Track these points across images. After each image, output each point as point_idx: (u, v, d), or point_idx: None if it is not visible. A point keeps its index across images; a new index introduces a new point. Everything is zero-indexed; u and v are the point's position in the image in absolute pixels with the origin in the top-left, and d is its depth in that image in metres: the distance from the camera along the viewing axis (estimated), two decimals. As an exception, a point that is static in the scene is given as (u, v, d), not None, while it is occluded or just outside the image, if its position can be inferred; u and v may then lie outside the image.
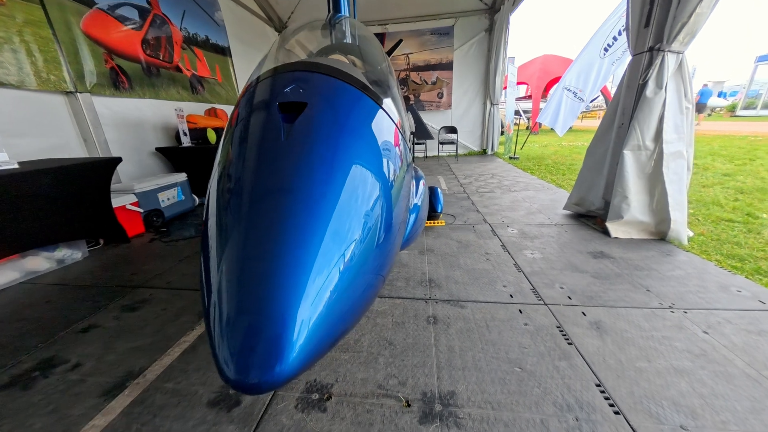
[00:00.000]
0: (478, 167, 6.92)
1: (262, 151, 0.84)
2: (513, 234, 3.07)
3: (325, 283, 0.69)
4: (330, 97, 0.99)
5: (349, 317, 0.78)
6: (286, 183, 0.77)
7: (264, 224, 0.71)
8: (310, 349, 0.65)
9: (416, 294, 2.09)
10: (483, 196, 4.53)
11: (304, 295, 0.65)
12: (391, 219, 0.96)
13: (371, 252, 0.82)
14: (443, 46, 8.22)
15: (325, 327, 0.69)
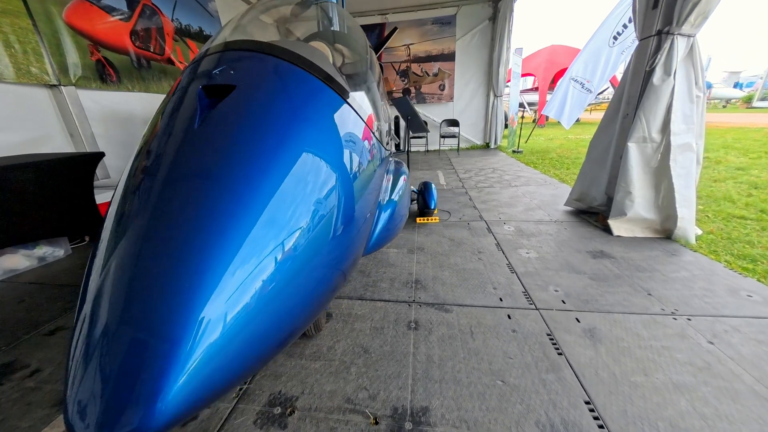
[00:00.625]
0: (479, 161, 6.73)
1: (172, 138, 0.73)
2: (509, 232, 2.93)
3: (237, 292, 0.57)
4: (269, 83, 0.87)
5: (275, 336, 0.66)
6: (191, 176, 0.65)
7: (158, 222, 0.59)
8: (209, 385, 0.54)
9: (400, 296, 1.97)
10: (481, 192, 4.37)
11: (203, 313, 0.53)
12: (348, 217, 0.84)
13: (312, 255, 0.71)
14: (445, 36, 7.96)
15: (238, 350, 0.58)
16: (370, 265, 2.38)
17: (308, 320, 0.87)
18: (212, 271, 0.57)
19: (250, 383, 1.37)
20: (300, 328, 0.84)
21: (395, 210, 1.49)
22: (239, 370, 0.63)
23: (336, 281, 0.89)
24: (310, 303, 0.79)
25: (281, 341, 0.75)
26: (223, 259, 0.58)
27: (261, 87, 0.83)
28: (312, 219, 0.73)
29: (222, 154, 0.67)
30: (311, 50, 1.15)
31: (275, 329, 0.69)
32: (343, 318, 1.79)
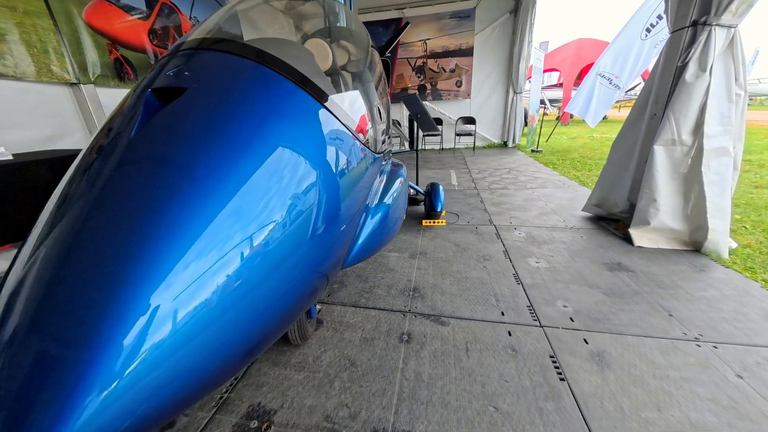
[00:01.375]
0: (495, 161, 6.49)
1: (109, 146, 0.68)
2: (519, 238, 2.77)
3: (178, 300, 0.52)
4: (225, 84, 0.80)
5: (236, 347, 0.61)
6: (123, 184, 0.61)
7: (83, 224, 0.56)
8: (144, 406, 0.48)
9: (395, 305, 1.89)
10: (494, 193, 4.19)
11: (134, 321, 0.48)
12: (323, 222, 0.78)
13: (279, 262, 0.66)
14: (463, 30, 7.71)
15: (186, 364, 0.53)
16: (369, 270, 2.31)
17: (277, 330, 0.81)
18: (145, 277, 0.51)
19: (231, 392, 1.34)
20: (267, 340, 0.79)
21: (387, 214, 1.41)
22: (190, 387, 0.58)
23: (306, 291, 0.83)
24: (277, 312, 0.74)
25: (244, 353, 0.70)
26: (159, 264, 0.52)
27: (215, 89, 0.77)
28: (274, 226, 0.68)
29: (153, 169, 0.62)
30: (291, 49, 1.08)
31: (236, 339, 0.64)
32: (333, 326, 1.73)
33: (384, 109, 2.27)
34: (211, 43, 0.93)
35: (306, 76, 0.93)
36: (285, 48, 1.04)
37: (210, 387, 0.66)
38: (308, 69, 0.96)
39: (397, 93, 8.48)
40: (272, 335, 0.82)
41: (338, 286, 2.13)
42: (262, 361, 1.50)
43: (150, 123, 0.69)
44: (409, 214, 3.49)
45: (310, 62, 1.02)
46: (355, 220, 1.08)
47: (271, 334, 0.78)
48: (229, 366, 0.68)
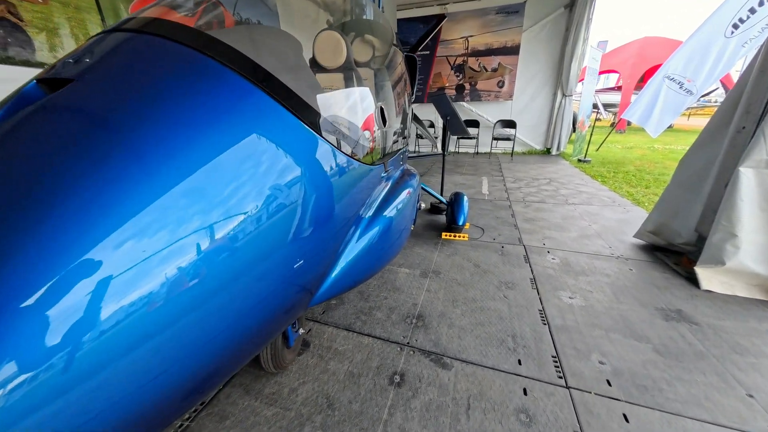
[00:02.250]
0: (534, 169, 5.94)
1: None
2: (552, 264, 2.39)
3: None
4: (133, 73, 0.63)
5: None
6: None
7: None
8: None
9: (393, 334, 1.66)
10: (529, 207, 3.76)
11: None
12: (257, 244, 0.60)
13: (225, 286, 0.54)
14: (510, 26, 7.16)
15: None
16: (373, 287, 2.10)
17: (234, 356, 0.67)
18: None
19: (193, 421, 1.21)
20: (220, 368, 0.64)
21: (385, 230, 1.19)
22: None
23: (269, 315, 0.67)
24: (234, 334, 0.61)
25: (192, 381, 0.57)
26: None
27: (114, 80, 0.61)
28: (221, 238, 0.53)
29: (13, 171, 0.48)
30: (262, 37, 0.89)
31: (175, 365, 0.51)
32: (320, 351, 1.55)
33: (400, 110, 2.04)
34: (144, 25, 0.78)
35: (264, 69, 0.74)
36: (249, 36, 0.87)
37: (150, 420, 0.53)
38: (275, 62, 0.77)
39: (433, 92, 8.15)
40: (228, 362, 0.67)
41: (336, 302, 1.95)
42: (235, 385, 1.36)
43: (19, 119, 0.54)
44: (428, 224, 3.22)
45: (281, 54, 0.83)
46: (333, 238, 0.89)
47: (226, 359, 0.64)
48: (169, 400, 0.54)
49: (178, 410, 0.67)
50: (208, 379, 0.69)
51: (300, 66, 0.91)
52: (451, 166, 6.41)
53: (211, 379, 0.70)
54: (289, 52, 0.90)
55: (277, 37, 0.96)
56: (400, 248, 1.57)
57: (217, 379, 0.73)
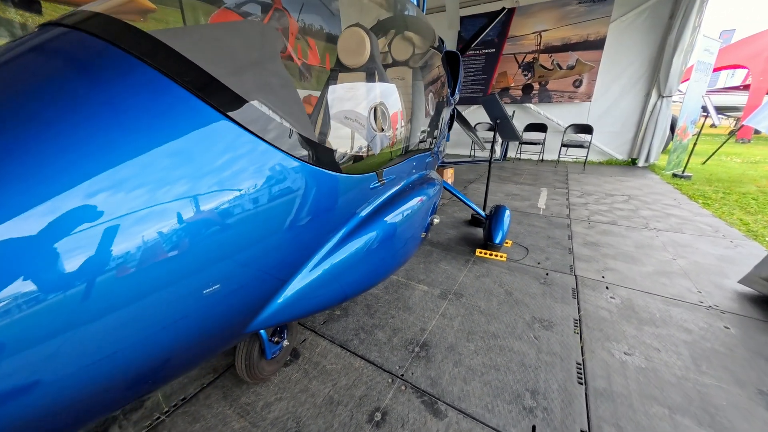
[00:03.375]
0: (610, 182, 5.04)
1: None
2: (609, 304, 1.92)
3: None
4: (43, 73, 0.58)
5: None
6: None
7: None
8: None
9: (389, 361, 1.48)
10: (593, 228, 3.16)
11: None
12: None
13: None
14: (594, 17, 6.22)
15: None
16: (383, 301, 1.95)
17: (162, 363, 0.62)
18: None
19: (169, 415, 1.22)
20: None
21: (366, 250, 1.03)
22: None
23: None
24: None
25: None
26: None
27: (22, 76, 0.56)
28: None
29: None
30: (214, 33, 0.81)
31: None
32: (307, 366, 1.46)
33: (426, 113, 1.85)
34: (79, 21, 0.73)
35: (208, 74, 0.65)
36: (198, 34, 0.80)
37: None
38: (220, 61, 0.69)
39: (496, 93, 7.56)
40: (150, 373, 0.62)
41: (340, 313, 1.84)
42: (218, 386, 1.34)
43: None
44: (463, 237, 2.92)
45: (237, 52, 0.74)
46: (277, 258, 0.77)
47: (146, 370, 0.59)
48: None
49: (105, 408, 0.63)
50: (133, 385, 0.63)
51: (260, 63, 0.81)
52: (507, 174, 5.84)
53: (135, 387, 0.65)
54: (250, 50, 0.81)
55: (241, 34, 0.88)
56: (392, 269, 1.39)
57: (145, 386, 0.68)
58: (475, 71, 7.67)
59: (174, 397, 1.29)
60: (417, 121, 1.65)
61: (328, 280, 0.95)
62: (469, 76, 7.78)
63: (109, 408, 0.66)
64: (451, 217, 3.53)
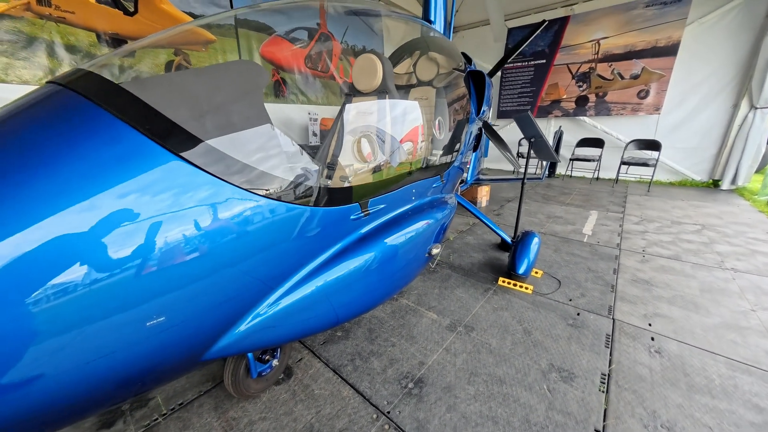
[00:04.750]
0: (681, 208, 4.34)
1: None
2: (652, 360, 1.62)
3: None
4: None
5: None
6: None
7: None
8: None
9: (378, 394, 1.42)
10: (648, 263, 2.73)
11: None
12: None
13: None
14: (666, 21, 5.54)
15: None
16: (387, 326, 1.89)
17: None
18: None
19: (166, 418, 1.30)
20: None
21: (335, 286, 1.00)
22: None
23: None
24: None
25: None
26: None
27: (14, 128, 0.65)
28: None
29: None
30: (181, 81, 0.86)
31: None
32: (297, 387, 1.46)
33: (436, 137, 1.79)
34: (68, 79, 0.79)
35: (163, 118, 0.70)
36: (161, 83, 0.85)
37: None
38: (179, 110, 0.73)
39: (546, 106, 7.09)
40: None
41: (342, 334, 1.83)
42: (212, 395, 1.41)
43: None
44: (488, 262, 2.73)
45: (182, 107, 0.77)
46: (226, 291, 0.79)
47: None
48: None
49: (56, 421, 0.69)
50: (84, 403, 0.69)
51: (224, 105, 0.85)
52: (554, 193, 5.38)
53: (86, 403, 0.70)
54: (217, 92, 0.85)
55: (212, 78, 0.92)
56: (370, 305, 1.31)
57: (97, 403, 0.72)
58: (523, 83, 7.30)
59: (174, 400, 1.39)
60: (419, 148, 1.61)
61: (293, 313, 0.95)
62: (516, 88, 7.42)
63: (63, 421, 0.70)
64: (480, 238, 3.33)
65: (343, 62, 5.92)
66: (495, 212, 4.36)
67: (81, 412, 0.71)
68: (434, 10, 2.37)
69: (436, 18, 2.40)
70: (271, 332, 0.95)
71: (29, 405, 0.59)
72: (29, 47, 2.87)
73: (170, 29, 1.13)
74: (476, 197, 4.54)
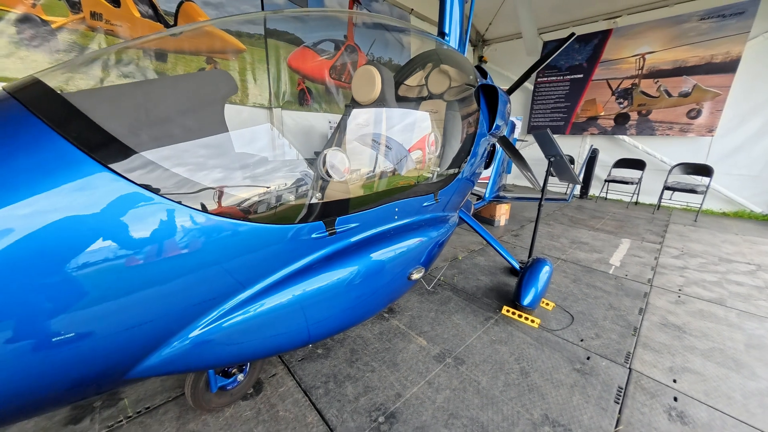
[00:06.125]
0: (733, 243, 3.81)
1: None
2: (673, 426, 1.37)
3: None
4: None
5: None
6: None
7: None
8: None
9: (341, 425, 1.32)
10: (683, 305, 2.39)
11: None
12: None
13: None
14: (724, 35, 5.02)
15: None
16: (371, 349, 1.78)
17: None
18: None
19: (129, 421, 1.30)
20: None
21: (282, 312, 0.93)
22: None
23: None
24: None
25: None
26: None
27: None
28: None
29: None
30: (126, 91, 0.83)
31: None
32: (262, 406, 1.40)
33: (423, 157, 1.70)
34: (18, 87, 0.78)
35: (100, 128, 0.68)
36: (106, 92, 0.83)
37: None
38: (119, 119, 0.72)
39: (581, 123, 6.68)
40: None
41: (323, 351, 1.75)
42: (179, 404, 1.39)
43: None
44: (495, 287, 2.53)
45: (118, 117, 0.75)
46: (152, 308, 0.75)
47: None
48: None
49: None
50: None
51: (165, 117, 0.82)
52: (583, 216, 4.98)
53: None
54: (158, 104, 0.82)
55: (152, 89, 0.89)
56: (324, 333, 1.19)
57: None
58: (557, 98, 6.94)
59: (142, 403, 1.39)
60: (404, 166, 1.52)
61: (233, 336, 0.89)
62: (549, 103, 7.08)
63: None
64: (492, 260, 3.13)
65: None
66: (513, 233, 4.11)
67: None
68: (449, 24, 2.30)
69: (451, 31, 2.33)
70: (213, 352, 0.90)
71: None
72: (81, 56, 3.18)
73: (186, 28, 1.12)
74: (494, 215, 4.31)
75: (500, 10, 6.89)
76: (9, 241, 0.58)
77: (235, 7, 4.14)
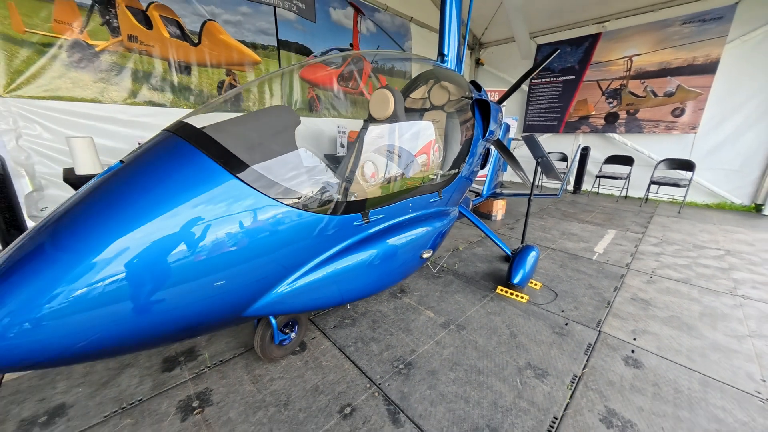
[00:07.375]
0: (709, 232, 4.19)
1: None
2: (626, 370, 1.76)
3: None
4: (147, 159, 1.06)
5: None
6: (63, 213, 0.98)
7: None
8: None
9: (372, 370, 1.72)
10: (653, 284, 2.78)
11: None
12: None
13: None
14: (704, 38, 5.38)
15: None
16: (388, 320, 2.18)
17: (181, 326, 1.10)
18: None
19: (210, 369, 1.70)
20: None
21: (334, 277, 1.33)
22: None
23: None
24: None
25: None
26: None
27: (141, 164, 1.05)
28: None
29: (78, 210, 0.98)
30: (241, 124, 1.24)
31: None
32: (308, 359, 1.80)
33: (430, 161, 2.09)
34: (177, 128, 1.21)
35: (228, 150, 1.09)
36: (229, 125, 1.23)
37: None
38: (239, 144, 1.11)
39: (573, 122, 7.05)
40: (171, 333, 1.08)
41: (349, 322, 2.15)
42: (245, 357, 1.79)
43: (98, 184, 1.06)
44: (491, 272, 2.93)
45: (240, 143, 1.15)
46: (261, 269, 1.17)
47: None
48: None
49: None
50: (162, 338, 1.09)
51: (266, 141, 1.21)
52: (575, 210, 5.37)
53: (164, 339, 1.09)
54: (260, 132, 1.22)
55: (259, 122, 1.30)
56: (372, 289, 1.68)
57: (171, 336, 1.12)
58: (550, 99, 7.31)
59: (216, 357, 1.79)
60: (416, 170, 1.93)
61: (307, 291, 1.29)
62: (543, 103, 7.44)
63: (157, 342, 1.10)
64: (489, 250, 3.52)
65: (372, 79, 6.39)
66: (509, 226, 4.50)
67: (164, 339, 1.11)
68: (448, 46, 2.68)
69: (449, 51, 2.72)
70: (291, 303, 1.30)
71: (151, 322, 1.00)
72: (119, 75, 3.58)
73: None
74: (492, 210, 4.70)
75: (496, 15, 7.24)
76: (192, 221, 0.98)
77: (252, 24, 4.52)
